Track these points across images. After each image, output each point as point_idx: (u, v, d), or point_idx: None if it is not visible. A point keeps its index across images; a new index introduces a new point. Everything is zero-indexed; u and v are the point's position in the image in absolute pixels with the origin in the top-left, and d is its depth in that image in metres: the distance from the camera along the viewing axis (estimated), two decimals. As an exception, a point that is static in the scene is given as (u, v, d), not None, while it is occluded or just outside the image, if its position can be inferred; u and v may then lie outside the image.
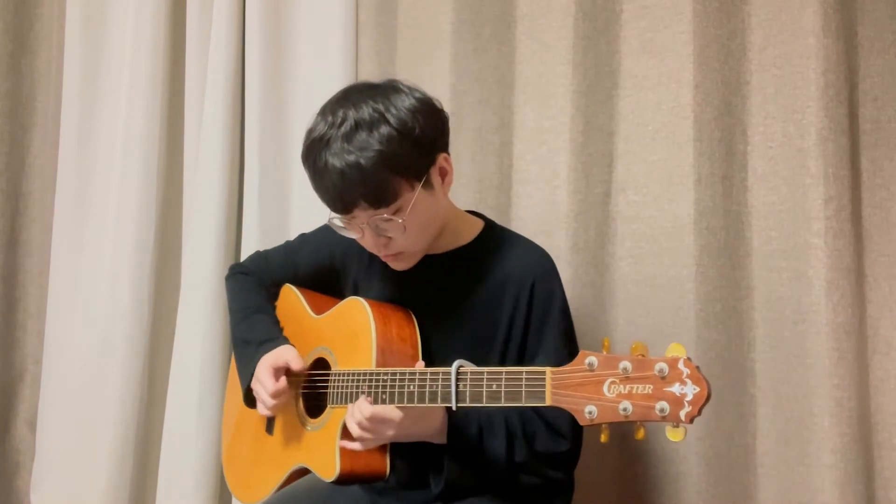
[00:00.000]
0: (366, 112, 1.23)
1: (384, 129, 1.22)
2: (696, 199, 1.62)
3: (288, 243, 1.62)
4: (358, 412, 1.24)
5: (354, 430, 1.25)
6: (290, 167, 2.02)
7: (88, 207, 2.20)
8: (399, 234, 1.28)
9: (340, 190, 1.23)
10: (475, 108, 1.84)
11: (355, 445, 1.27)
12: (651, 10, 1.70)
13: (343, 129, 1.22)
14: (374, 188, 1.22)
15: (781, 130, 1.59)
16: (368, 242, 1.32)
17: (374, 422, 1.23)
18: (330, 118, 1.25)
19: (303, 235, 1.60)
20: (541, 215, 1.77)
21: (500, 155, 1.84)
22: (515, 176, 1.82)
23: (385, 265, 1.41)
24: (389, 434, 1.24)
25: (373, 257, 1.45)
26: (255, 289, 1.57)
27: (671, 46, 1.67)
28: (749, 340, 1.62)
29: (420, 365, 1.25)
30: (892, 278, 1.56)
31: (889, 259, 1.56)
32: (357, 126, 1.22)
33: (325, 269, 1.53)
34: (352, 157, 1.20)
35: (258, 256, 1.65)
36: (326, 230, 1.55)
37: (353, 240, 1.40)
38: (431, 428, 1.27)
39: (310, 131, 1.28)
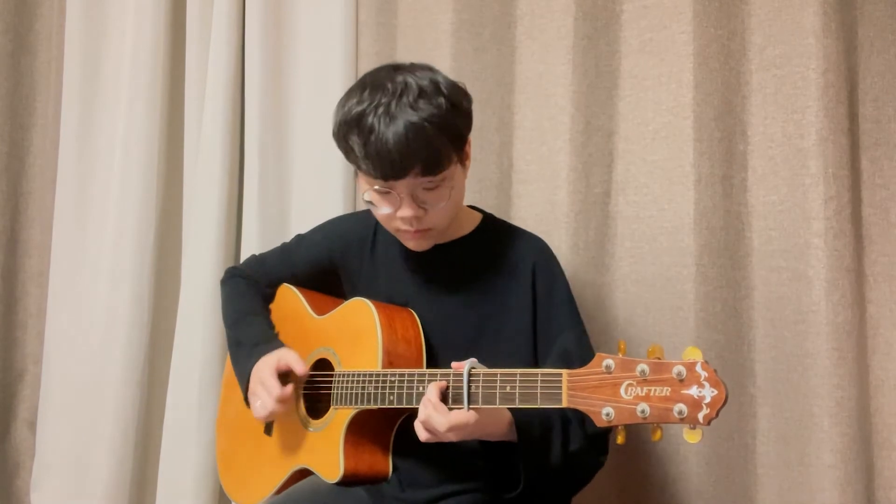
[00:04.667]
0: (425, 81, 1.27)
1: (440, 99, 1.26)
2: (696, 199, 1.63)
3: (284, 245, 1.62)
4: (433, 417, 1.17)
5: (426, 429, 1.18)
6: (290, 167, 2.02)
7: (88, 207, 2.20)
8: (442, 203, 1.29)
9: (402, 151, 1.23)
10: (475, 108, 1.80)
11: (422, 434, 1.20)
12: (651, 10, 1.70)
13: (406, 96, 1.24)
14: (432, 153, 1.25)
15: (781, 130, 1.59)
16: (404, 213, 1.29)
17: (453, 430, 1.16)
18: (390, 85, 1.26)
19: (299, 236, 1.60)
20: (541, 215, 1.77)
21: (500, 155, 1.84)
22: (515, 176, 1.82)
23: (387, 258, 1.41)
24: (447, 435, 1.18)
25: (373, 251, 1.45)
26: (248, 291, 1.57)
27: (671, 46, 1.67)
28: (749, 340, 1.62)
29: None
30: (892, 278, 1.56)
31: (889, 259, 1.56)
32: (420, 93, 1.25)
33: (323, 268, 1.53)
34: (416, 119, 1.23)
35: (254, 259, 1.66)
36: (323, 229, 1.56)
37: (353, 235, 1.40)
38: (499, 430, 1.24)
39: (349, 107, 1.28)
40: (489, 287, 1.38)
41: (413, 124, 1.22)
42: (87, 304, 2.16)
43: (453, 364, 1.20)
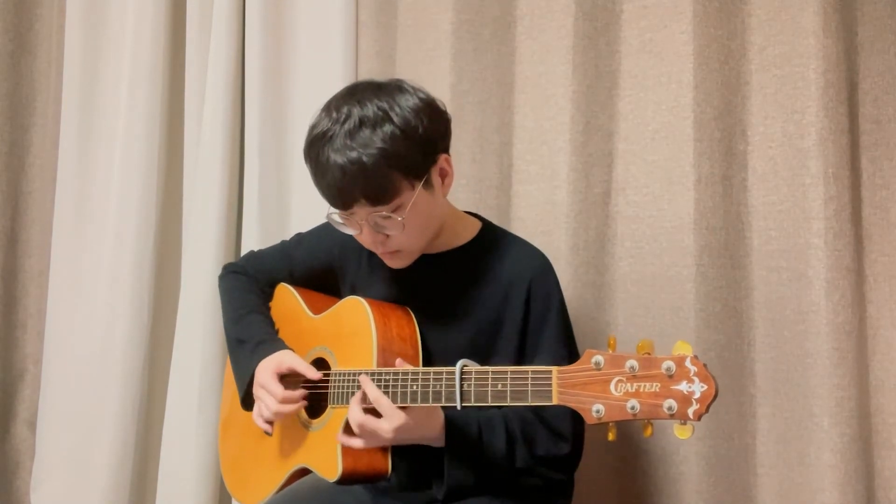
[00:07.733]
0: (370, 110, 1.24)
1: (388, 128, 1.22)
2: (696, 199, 1.62)
3: (283, 243, 1.62)
4: (356, 404, 1.23)
5: (355, 418, 1.23)
6: (290, 167, 2.02)
7: (88, 207, 2.20)
8: (397, 232, 1.28)
9: (341, 186, 1.23)
10: (475, 108, 1.83)
11: (355, 442, 1.25)
12: (651, 10, 1.70)
13: (347, 125, 1.23)
14: (375, 186, 1.23)
15: (781, 130, 1.59)
16: (366, 239, 1.32)
17: (372, 415, 1.21)
18: (335, 114, 1.25)
19: (299, 235, 1.60)
20: (541, 215, 1.77)
21: (500, 155, 1.84)
22: (515, 176, 1.82)
23: (383, 265, 1.41)
24: (387, 436, 1.22)
25: (371, 256, 1.45)
26: (249, 288, 1.56)
27: (671, 46, 1.67)
28: (749, 340, 1.62)
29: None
30: (892, 278, 1.56)
31: (889, 259, 1.56)
32: (361, 123, 1.23)
33: (322, 269, 1.53)
34: (354, 154, 1.21)
35: (252, 256, 1.65)
36: (323, 229, 1.55)
37: (351, 239, 1.40)
38: (432, 431, 1.26)
39: (313, 126, 1.28)
40: (482, 299, 1.37)
41: (349, 159, 1.21)
42: (87, 304, 2.16)
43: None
